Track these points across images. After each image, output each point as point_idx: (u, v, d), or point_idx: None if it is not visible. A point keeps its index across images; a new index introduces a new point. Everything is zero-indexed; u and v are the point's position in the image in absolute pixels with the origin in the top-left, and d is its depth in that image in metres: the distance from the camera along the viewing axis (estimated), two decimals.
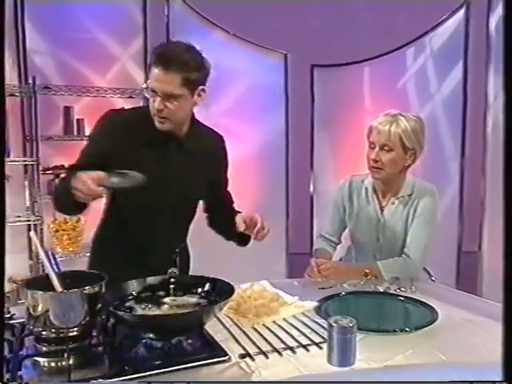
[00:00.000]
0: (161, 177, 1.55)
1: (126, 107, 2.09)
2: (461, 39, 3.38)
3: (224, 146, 1.77)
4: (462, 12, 3.39)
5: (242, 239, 1.68)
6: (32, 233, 1.28)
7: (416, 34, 3.58)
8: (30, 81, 2.99)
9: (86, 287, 1.16)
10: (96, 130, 1.62)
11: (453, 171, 3.52)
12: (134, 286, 1.30)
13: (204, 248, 1.95)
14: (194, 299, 1.31)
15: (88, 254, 1.81)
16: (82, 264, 2.06)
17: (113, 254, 1.64)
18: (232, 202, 1.84)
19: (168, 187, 1.59)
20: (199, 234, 1.81)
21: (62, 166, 3.06)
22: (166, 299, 1.31)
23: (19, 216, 3.01)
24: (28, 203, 3.11)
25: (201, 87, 1.52)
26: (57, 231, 3.12)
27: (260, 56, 3.82)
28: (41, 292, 1.14)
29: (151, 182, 1.45)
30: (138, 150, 1.54)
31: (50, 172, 3.08)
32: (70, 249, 3.14)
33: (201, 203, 1.79)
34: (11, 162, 2.94)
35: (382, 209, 1.93)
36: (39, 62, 3.15)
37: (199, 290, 1.30)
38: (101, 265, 1.54)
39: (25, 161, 3.04)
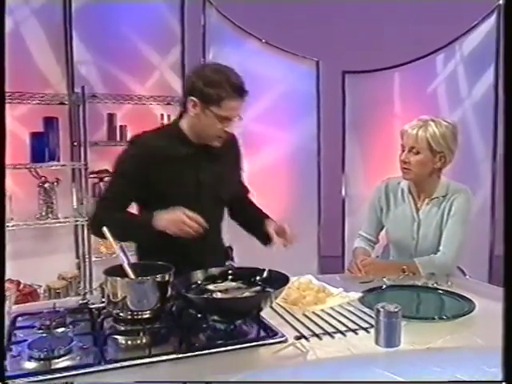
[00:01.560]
0: (197, 184, 1.71)
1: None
2: (492, 44, 3.41)
3: (237, 143, 1.92)
4: (493, 18, 3.44)
5: (267, 240, 1.82)
6: (105, 228, 1.42)
7: (446, 41, 3.64)
8: (77, 89, 3.17)
9: (158, 275, 1.30)
10: (127, 160, 1.70)
11: (484, 175, 3.57)
12: (198, 276, 1.45)
13: (237, 251, 2.08)
14: (234, 283, 1.45)
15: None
16: None
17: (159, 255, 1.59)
18: (248, 192, 2.01)
19: (203, 192, 1.72)
20: (233, 239, 1.96)
21: (106, 170, 3.22)
22: (210, 286, 1.44)
23: (67, 217, 3.19)
24: (75, 205, 3.27)
25: None
26: None
27: (292, 63, 3.94)
28: (119, 279, 1.29)
29: (189, 190, 1.66)
30: (172, 167, 1.67)
31: (95, 176, 3.26)
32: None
33: None
34: (62, 166, 3.13)
35: (417, 209, 2.04)
36: (85, 72, 3.33)
37: (257, 278, 1.43)
38: None
39: (74, 165, 3.20)
